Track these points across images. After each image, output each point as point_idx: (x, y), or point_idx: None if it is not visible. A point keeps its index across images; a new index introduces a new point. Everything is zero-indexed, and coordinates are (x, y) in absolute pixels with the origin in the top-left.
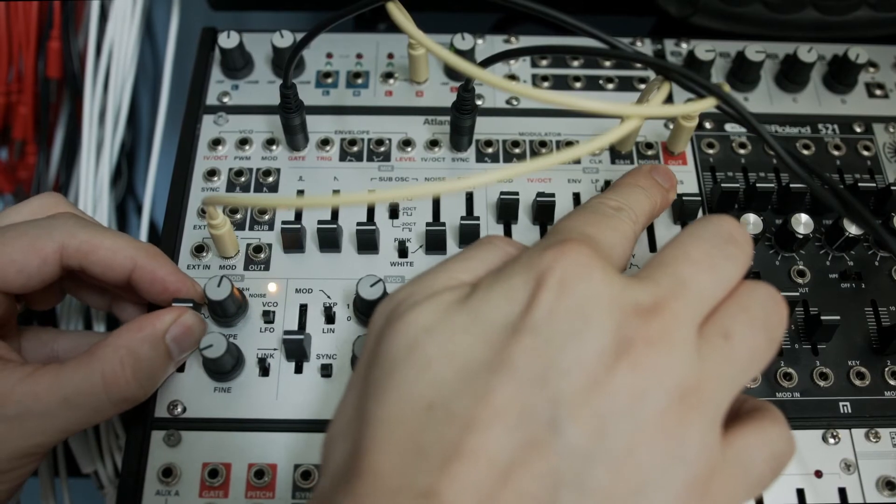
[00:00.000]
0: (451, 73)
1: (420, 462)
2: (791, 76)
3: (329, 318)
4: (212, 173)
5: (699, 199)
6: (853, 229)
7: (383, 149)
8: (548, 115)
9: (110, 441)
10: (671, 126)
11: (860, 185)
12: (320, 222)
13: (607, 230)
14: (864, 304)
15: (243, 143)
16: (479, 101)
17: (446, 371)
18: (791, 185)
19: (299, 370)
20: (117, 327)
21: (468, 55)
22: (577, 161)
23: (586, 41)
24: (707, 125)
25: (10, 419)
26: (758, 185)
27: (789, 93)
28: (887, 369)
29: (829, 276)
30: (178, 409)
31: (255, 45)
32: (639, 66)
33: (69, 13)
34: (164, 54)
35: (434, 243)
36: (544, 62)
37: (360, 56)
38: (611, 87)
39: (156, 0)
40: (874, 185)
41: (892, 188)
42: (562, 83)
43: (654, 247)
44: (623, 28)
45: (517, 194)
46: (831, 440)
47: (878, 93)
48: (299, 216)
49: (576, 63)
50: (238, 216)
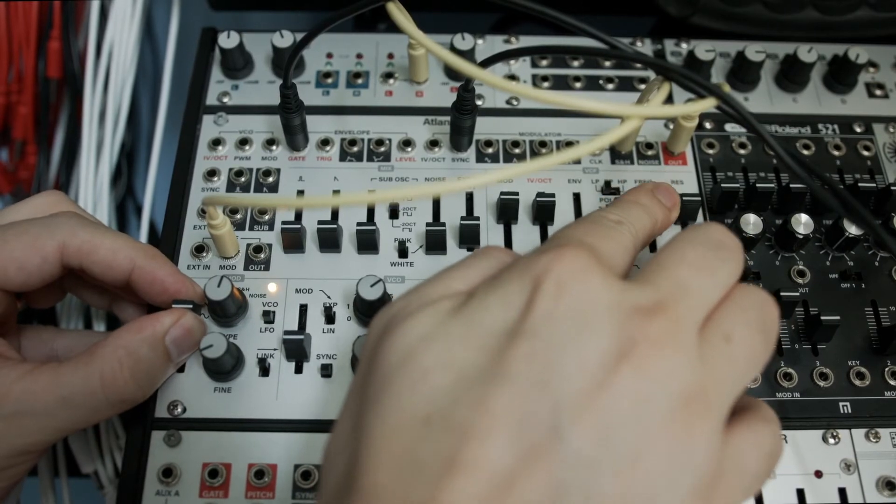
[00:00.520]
0: (451, 73)
1: (418, 476)
2: (791, 76)
3: (329, 318)
4: (212, 173)
5: (699, 199)
6: (853, 229)
7: (383, 149)
8: (548, 116)
9: (110, 441)
10: (671, 126)
11: (860, 185)
12: (320, 222)
13: (606, 240)
14: (864, 304)
15: (243, 143)
16: (479, 102)
17: (443, 381)
18: (791, 186)
19: (299, 370)
20: (117, 327)
21: (468, 55)
22: (578, 161)
23: (586, 41)
24: (707, 125)
25: (8, 417)
26: (758, 185)
27: (789, 93)
28: (887, 369)
29: (829, 277)
30: (179, 410)
31: (255, 45)
32: (639, 66)
33: (69, 13)
34: (164, 54)
35: (434, 243)
36: (544, 62)
37: (360, 56)
38: (611, 87)
39: (156, 0)
40: (874, 185)
41: (892, 188)
42: (562, 83)
43: (654, 249)
44: (623, 28)
45: (517, 194)
46: (831, 440)
47: (878, 93)
48: (299, 216)
49: (576, 63)
50: (238, 216)
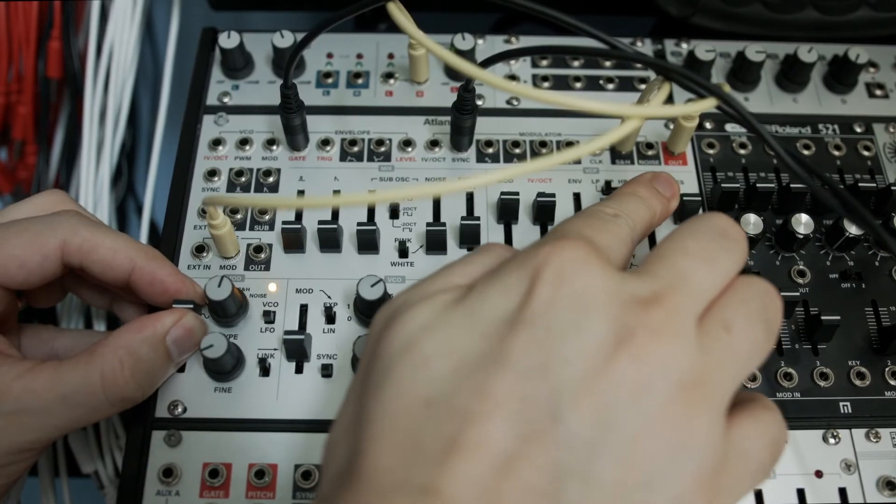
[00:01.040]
0: (452, 73)
1: (419, 458)
2: (791, 76)
3: (329, 318)
4: (212, 173)
5: (699, 199)
6: (853, 229)
7: (384, 149)
8: (548, 116)
9: (111, 441)
10: (671, 126)
11: (860, 185)
12: (321, 222)
13: (603, 233)
14: (864, 304)
15: (244, 143)
16: (479, 102)
17: (444, 367)
18: (791, 186)
19: (300, 370)
20: (118, 327)
21: (468, 55)
22: (578, 161)
23: (586, 41)
24: (707, 125)
25: (7, 414)
26: (758, 185)
27: (789, 93)
28: (887, 369)
29: (830, 277)
30: (179, 409)
31: (256, 45)
32: (639, 66)
33: (69, 13)
34: (165, 54)
35: (434, 243)
36: (544, 62)
37: (360, 56)
38: (611, 87)
39: (156, 0)
40: (874, 185)
41: (893, 188)
42: (562, 83)
43: (654, 245)
44: (623, 28)
45: (518, 194)
46: (831, 440)
47: (878, 93)
48: (300, 216)
49: (576, 63)
50: (238, 216)
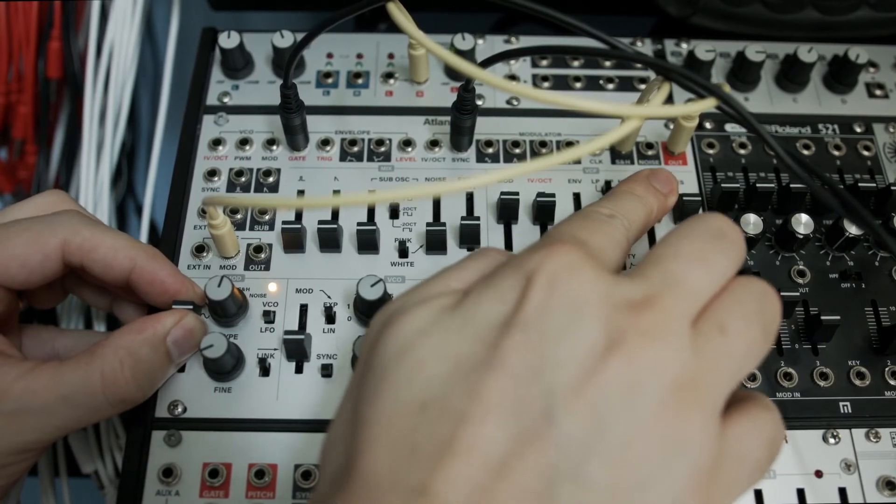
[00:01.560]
0: (452, 73)
1: (414, 460)
2: (791, 76)
3: (329, 318)
4: (212, 173)
5: (699, 199)
6: (853, 229)
7: (383, 149)
8: (548, 116)
9: (110, 441)
10: (671, 126)
11: (860, 185)
12: (321, 222)
13: (597, 234)
14: (864, 304)
15: (243, 143)
16: (479, 102)
17: (439, 370)
18: (791, 186)
19: (300, 370)
20: (118, 327)
21: (468, 55)
22: (578, 161)
23: (586, 41)
24: (707, 125)
25: (7, 415)
26: (758, 185)
27: (789, 93)
28: (887, 369)
29: (830, 277)
30: (179, 409)
31: (256, 45)
32: (639, 66)
33: (69, 13)
34: (165, 54)
35: (434, 243)
36: (544, 62)
37: (360, 56)
38: (611, 87)
39: (156, 0)
40: (874, 185)
41: (893, 188)
42: (562, 83)
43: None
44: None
45: (517, 194)
46: (831, 440)
47: (878, 93)
48: (300, 216)
49: (576, 63)
50: (238, 216)
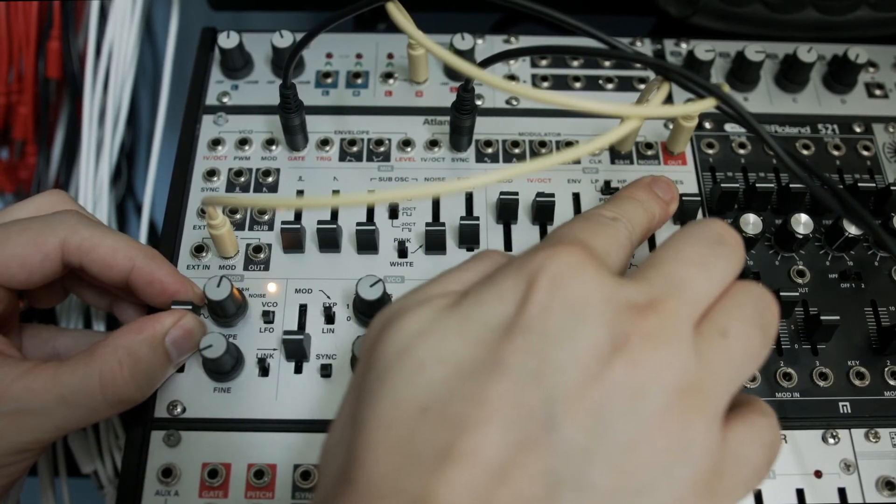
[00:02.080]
0: (451, 73)
1: (413, 465)
2: (791, 76)
3: (329, 318)
4: (211, 173)
5: (699, 199)
6: (853, 229)
7: (383, 149)
8: (548, 116)
9: (110, 441)
10: (671, 126)
11: (860, 185)
12: (320, 222)
13: (601, 237)
14: (863, 304)
15: (243, 143)
16: (478, 102)
17: (439, 373)
18: (791, 186)
19: (299, 370)
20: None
21: (468, 55)
22: (577, 161)
23: (586, 41)
24: (707, 125)
25: (6, 415)
26: (758, 185)
27: (789, 93)
28: (887, 369)
29: (829, 277)
30: (178, 410)
31: (255, 45)
32: (639, 66)
33: (69, 13)
34: (164, 54)
35: (434, 243)
36: (544, 62)
37: (359, 56)
38: (611, 87)
39: (156, 0)
40: (874, 185)
41: (892, 188)
42: (562, 83)
43: (653, 248)
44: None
45: (517, 194)
46: (831, 440)
47: (877, 93)
48: (299, 216)
49: (576, 63)
50: (238, 216)
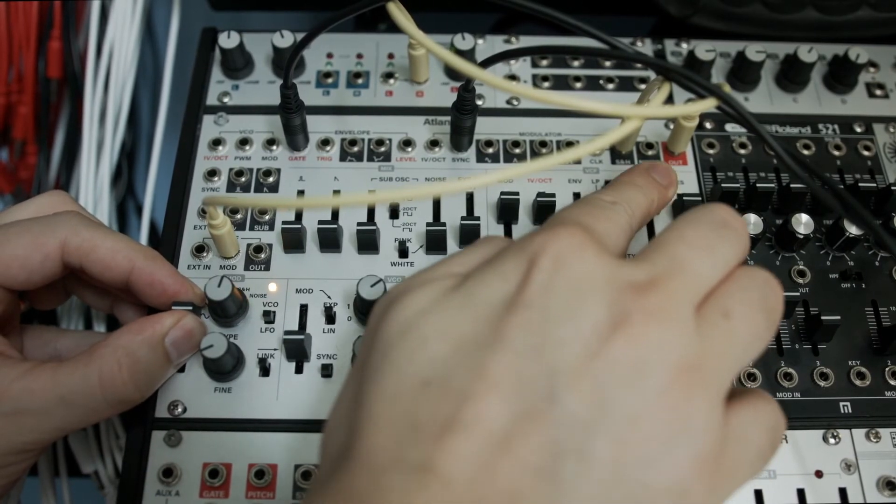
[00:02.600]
0: (452, 73)
1: (415, 437)
2: (791, 76)
3: (329, 318)
4: (212, 173)
5: (699, 199)
6: (853, 229)
7: (383, 149)
8: (548, 116)
9: (110, 441)
10: (671, 126)
11: (860, 185)
12: (321, 222)
13: (601, 220)
14: (864, 304)
15: (243, 143)
16: (479, 102)
17: (441, 348)
18: (791, 186)
19: (300, 370)
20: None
21: (468, 55)
22: (578, 161)
23: (586, 41)
24: (707, 125)
25: (6, 415)
26: (758, 185)
27: (789, 93)
28: (888, 369)
29: (830, 277)
30: (179, 410)
31: (256, 45)
32: (639, 66)
33: (69, 13)
34: (165, 54)
35: (434, 243)
36: (544, 62)
37: (360, 56)
38: (611, 87)
39: (156, 0)
40: (874, 185)
41: (893, 188)
42: (562, 83)
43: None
44: (623, 28)
45: (517, 194)
46: (832, 440)
47: (878, 93)
48: (300, 216)
49: (576, 63)
50: (238, 216)
